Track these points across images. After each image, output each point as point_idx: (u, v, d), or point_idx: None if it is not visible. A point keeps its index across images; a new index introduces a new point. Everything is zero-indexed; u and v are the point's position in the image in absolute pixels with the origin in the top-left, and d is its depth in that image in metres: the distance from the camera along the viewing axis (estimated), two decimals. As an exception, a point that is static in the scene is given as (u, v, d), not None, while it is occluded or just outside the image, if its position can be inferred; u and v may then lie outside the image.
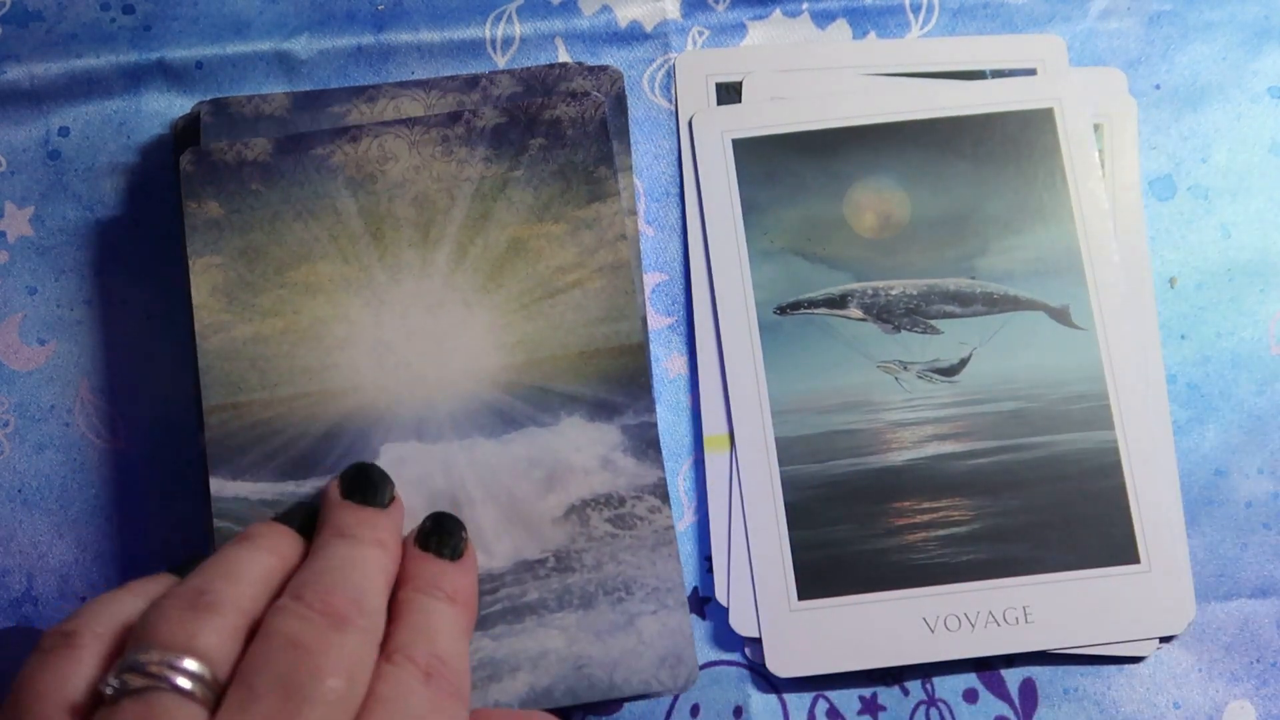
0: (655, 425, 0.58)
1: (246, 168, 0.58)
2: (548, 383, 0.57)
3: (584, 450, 0.57)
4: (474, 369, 0.57)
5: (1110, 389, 0.60)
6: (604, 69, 0.61)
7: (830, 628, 0.58)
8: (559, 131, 0.59)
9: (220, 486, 0.56)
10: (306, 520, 0.53)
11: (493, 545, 0.56)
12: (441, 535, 0.53)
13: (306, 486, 0.56)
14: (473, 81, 0.60)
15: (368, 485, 0.53)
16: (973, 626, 0.58)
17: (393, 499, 0.53)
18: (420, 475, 0.56)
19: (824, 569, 0.59)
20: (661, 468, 0.57)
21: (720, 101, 0.63)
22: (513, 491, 0.57)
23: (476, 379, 0.57)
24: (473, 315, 0.58)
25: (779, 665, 0.58)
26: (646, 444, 0.57)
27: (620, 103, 0.61)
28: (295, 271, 0.58)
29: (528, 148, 0.59)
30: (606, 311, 0.58)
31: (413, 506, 0.56)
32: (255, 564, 0.49)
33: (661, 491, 0.57)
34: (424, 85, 0.60)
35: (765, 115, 0.62)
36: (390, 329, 0.57)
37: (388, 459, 0.56)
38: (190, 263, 0.57)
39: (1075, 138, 0.62)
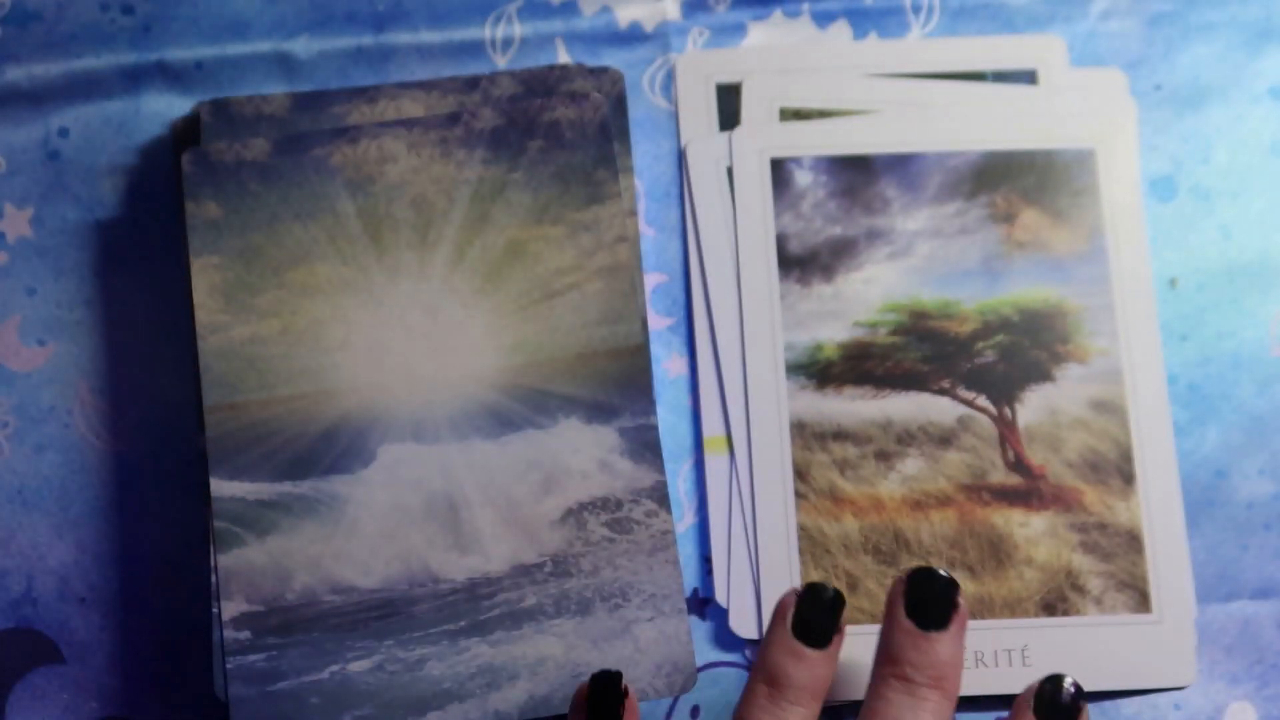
0: (654, 428, 0.57)
1: (245, 168, 0.58)
2: (545, 385, 0.57)
3: (581, 453, 0.57)
4: (472, 370, 0.57)
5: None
6: (604, 70, 0.61)
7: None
8: (558, 133, 0.59)
9: (219, 487, 0.56)
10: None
11: (490, 549, 0.56)
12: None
13: (304, 486, 0.56)
14: (473, 83, 0.60)
15: (931, 609, 0.51)
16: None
17: (954, 613, 0.51)
18: (418, 477, 0.56)
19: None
20: (660, 470, 0.57)
21: (720, 101, 0.63)
22: (510, 494, 0.57)
23: (474, 380, 0.57)
24: (471, 317, 0.58)
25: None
26: (644, 446, 0.57)
27: (620, 104, 0.61)
28: (293, 272, 0.58)
29: (526, 149, 0.59)
30: (605, 314, 0.58)
31: (410, 508, 0.56)
32: None
33: (659, 495, 0.57)
34: (424, 86, 0.60)
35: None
36: (388, 330, 0.57)
37: (385, 460, 0.56)
38: (190, 263, 0.58)
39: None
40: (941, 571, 0.51)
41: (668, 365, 0.61)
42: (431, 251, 0.58)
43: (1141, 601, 0.58)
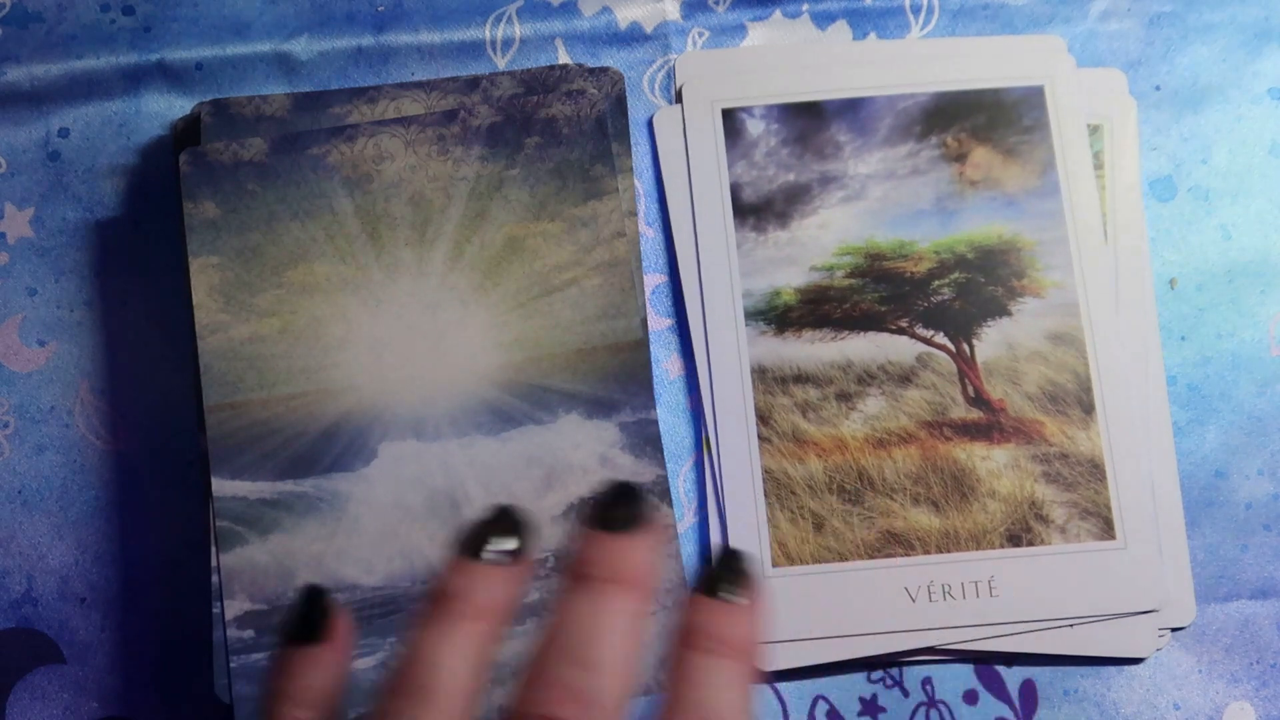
0: (655, 422, 0.58)
1: (243, 168, 0.58)
2: (545, 380, 0.57)
3: (582, 448, 0.57)
4: (471, 367, 0.57)
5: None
6: (605, 70, 0.61)
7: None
8: (555, 130, 0.59)
9: (220, 486, 0.56)
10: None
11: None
12: (732, 577, 0.47)
13: (306, 485, 0.56)
14: (473, 83, 0.61)
15: (617, 512, 0.45)
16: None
17: (636, 518, 0.45)
18: (419, 474, 0.56)
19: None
20: (661, 465, 0.57)
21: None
22: (511, 490, 0.57)
23: (474, 377, 0.57)
24: (470, 314, 0.58)
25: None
26: (645, 441, 0.57)
27: (621, 104, 0.61)
28: (292, 271, 0.58)
29: (524, 146, 0.59)
30: (604, 309, 0.58)
31: (411, 505, 0.56)
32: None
33: (661, 489, 0.57)
34: (424, 87, 0.60)
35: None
36: (387, 328, 0.58)
37: (386, 457, 0.56)
38: (189, 263, 0.58)
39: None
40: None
41: (667, 366, 0.61)
42: (430, 249, 0.58)
43: (1106, 528, 0.59)
